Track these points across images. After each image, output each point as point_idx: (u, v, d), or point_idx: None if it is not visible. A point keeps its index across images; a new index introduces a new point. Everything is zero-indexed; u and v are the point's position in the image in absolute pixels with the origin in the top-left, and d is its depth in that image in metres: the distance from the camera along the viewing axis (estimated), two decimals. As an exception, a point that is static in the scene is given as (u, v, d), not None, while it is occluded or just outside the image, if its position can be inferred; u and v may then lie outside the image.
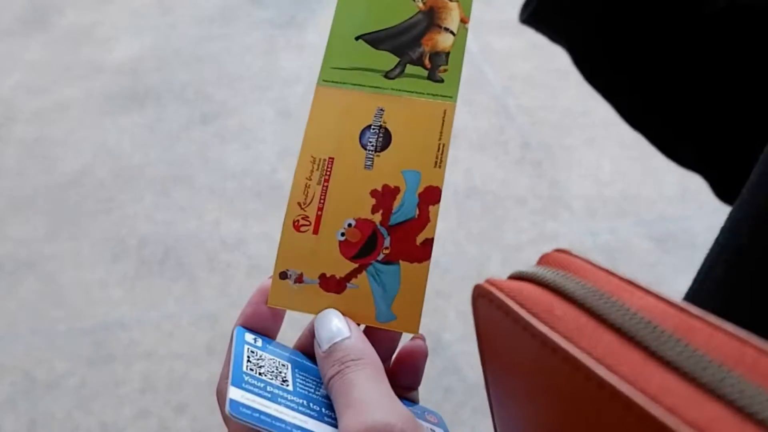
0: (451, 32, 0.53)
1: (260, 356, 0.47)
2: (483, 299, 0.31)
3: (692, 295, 0.48)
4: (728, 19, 0.63)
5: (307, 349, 0.50)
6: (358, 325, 0.48)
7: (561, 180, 2.44)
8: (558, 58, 0.78)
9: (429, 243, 0.49)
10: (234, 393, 0.42)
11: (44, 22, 3.59)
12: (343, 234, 0.49)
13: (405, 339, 0.50)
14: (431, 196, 0.49)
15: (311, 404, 0.44)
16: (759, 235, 0.42)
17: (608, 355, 0.23)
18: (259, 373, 0.45)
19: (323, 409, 0.44)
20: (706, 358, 0.21)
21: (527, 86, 2.87)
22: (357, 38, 0.54)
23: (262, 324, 0.49)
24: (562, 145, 2.58)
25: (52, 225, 2.40)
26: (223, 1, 3.64)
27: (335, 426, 0.41)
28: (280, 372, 0.46)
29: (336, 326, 0.46)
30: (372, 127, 0.51)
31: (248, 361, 0.46)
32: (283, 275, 0.50)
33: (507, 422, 0.34)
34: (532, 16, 0.71)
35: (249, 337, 0.48)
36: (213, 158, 2.62)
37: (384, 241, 0.49)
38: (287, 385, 0.45)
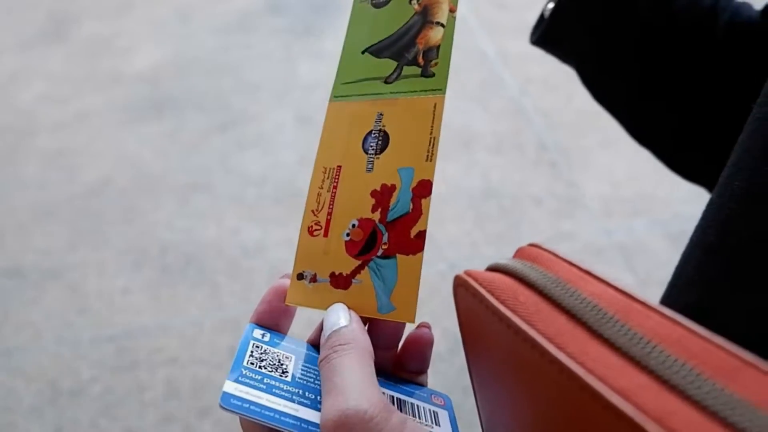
0: (442, 25, 0.55)
1: (264, 350, 0.50)
2: (461, 288, 0.34)
3: (669, 290, 0.50)
4: (731, 40, 0.65)
5: (318, 342, 0.52)
6: (365, 321, 0.50)
7: (577, 181, 2.45)
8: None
9: (422, 235, 0.51)
10: (227, 386, 0.46)
11: (64, 34, 3.63)
12: (348, 234, 0.52)
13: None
14: (424, 189, 0.52)
15: (307, 393, 0.47)
16: (725, 235, 0.45)
17: (559, 334, 0.26)
18: (259, 366, 0.48)
19: (318, 397, 0.47)
20: (638, 335, 0.24)
21: (544, 89, 2.88)
22: (363, 52, 0.57)
23: (274, 320, 0.53)
24: (578, 147, 2.59)
25: (75, 234, 2.43)
26: (241, 10, 3.67)
27: None
28: (282, 364, 0.49)
29: (338, 316, 0.49)
30: (372, 132, 0.53)
31: (251, 355, 0.49)
32: (300, 276, 0.53)
33: (486, 401, 0.37)
34: (540, 39, 0.73)
35: (257, 333, 0.52)
36: (233, 166, 2.65)
37: (382, 237, 0.51)
38: (286, 376, 0.48)
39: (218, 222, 2.42)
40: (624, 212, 2.33)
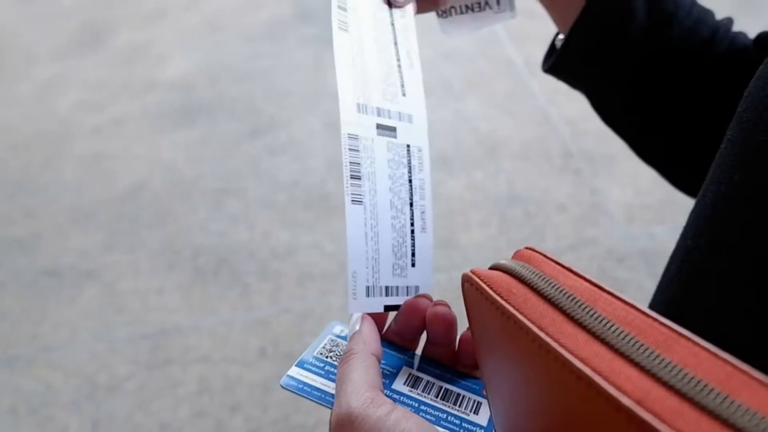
0: None
1: (337, 343, 0.59)
2: (467, 283, 0.40)
3: (657, 287, 0.56)
4: (726, 68, 0.70)
5: (387, 336, 0.61)
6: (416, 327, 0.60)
7: (601, 188, 2.49)
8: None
9: None
10: (292, 371, 0.55)
11: (98, 42, 3.71)
12: None
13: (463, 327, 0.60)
14: None
15: None
16: (700, 238, 0.51)
17: (541, 318, 0.33)
18: (327, 357, 0.56)
19: None
20: (602, 316, 0.31)
21: (570, 98, 2.90)
22: None
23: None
24: (602, 154, 2.63)
25: (111, 237, 2.49)
26: (271, 19, 3.73)
27: None
28: None
29: (354, 324, 0.57)
30: None
31: (323, 347, 0.58)
32: None
33: (489, 384, 0.44)
34: (552, 68, 0.79)
35: (338, 328, 0.61)
36: (264, 171, 2.71)
37: None
38: None
39: (249, 226, 2.48)
40: (647, 219, 2.36)
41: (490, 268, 0.41)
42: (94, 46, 3.68)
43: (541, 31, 3.15)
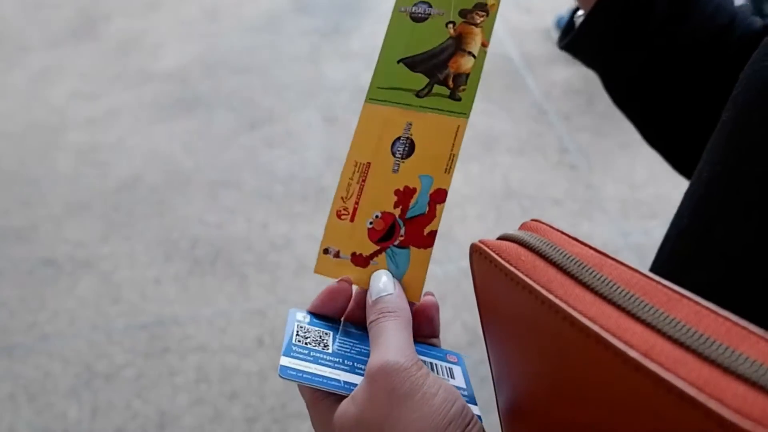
0: (473, 55, 0.62)
1: (307, 329, 0.60)
2: (476, 253, 0.42)
3: (653, 263, 0.58)
4: (741, 54, 0.71)
5: (353, 318, 0.62)
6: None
7: (596, 183, 2.50)
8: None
9: (433, 234, 0.60)
10: (283, 360, 0.56)
11: (93, 31, 3.71)
12: (371, 223, 0.61)
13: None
14: (440, 196, 0.61)
15: (345, 361, 0.57)
16: (693, 218, 0.53)
17: (549, 282, 0.34)
18: (306, 343, 0.58)
19: (355, 363, 0.57)
20: (608, 279, 0.32)
21: (566, 93, 2.93)
22: (398, 61, 0.64)
23: (324, 310, 0.61)
24: (598, 150, 2.64)
25: (108, 227, 2.50)
26: (269, 10, 3.73)
27: (363, 376, 0.52)
28: (323, 339, 0.59)
29: (384, 283, 0.58)
30: (401, 138, 0.62)
31: (297, 334, 0.59)
32: (326, 251, 0.62)
33: (495, 354, 0.45)
34: (569, 45, 0.80)
35: (299, 315, 0.62)
36: (261, 163, 2.72)
37: (400, 230, 0.60)
38: (327, 349, 0.58)
39: (247, 217, 2.49)
40: (641, 214, 2.37)
41: (498, 239, 0.42)
42: (88, 36, 3.69)
43: (538, 26, 3.16)
